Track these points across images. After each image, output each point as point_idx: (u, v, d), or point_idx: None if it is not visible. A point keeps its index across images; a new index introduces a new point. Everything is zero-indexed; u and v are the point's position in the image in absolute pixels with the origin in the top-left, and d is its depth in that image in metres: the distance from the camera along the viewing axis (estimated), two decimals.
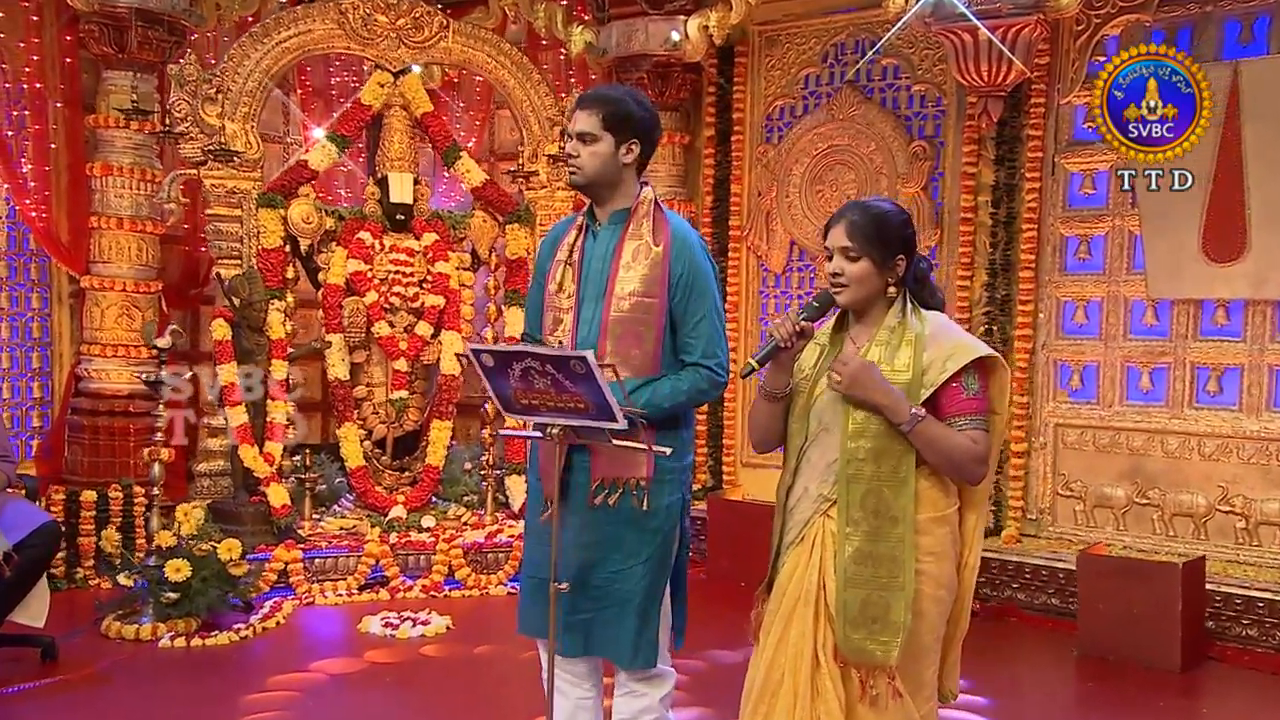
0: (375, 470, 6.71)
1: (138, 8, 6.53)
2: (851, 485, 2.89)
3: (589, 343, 3.33)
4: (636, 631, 3.33)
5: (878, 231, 2.92)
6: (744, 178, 7.62)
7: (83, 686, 4.98)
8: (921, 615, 2.86)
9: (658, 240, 3.33)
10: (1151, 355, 6.35)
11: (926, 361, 2.88)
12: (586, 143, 3.29)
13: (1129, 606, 5.51)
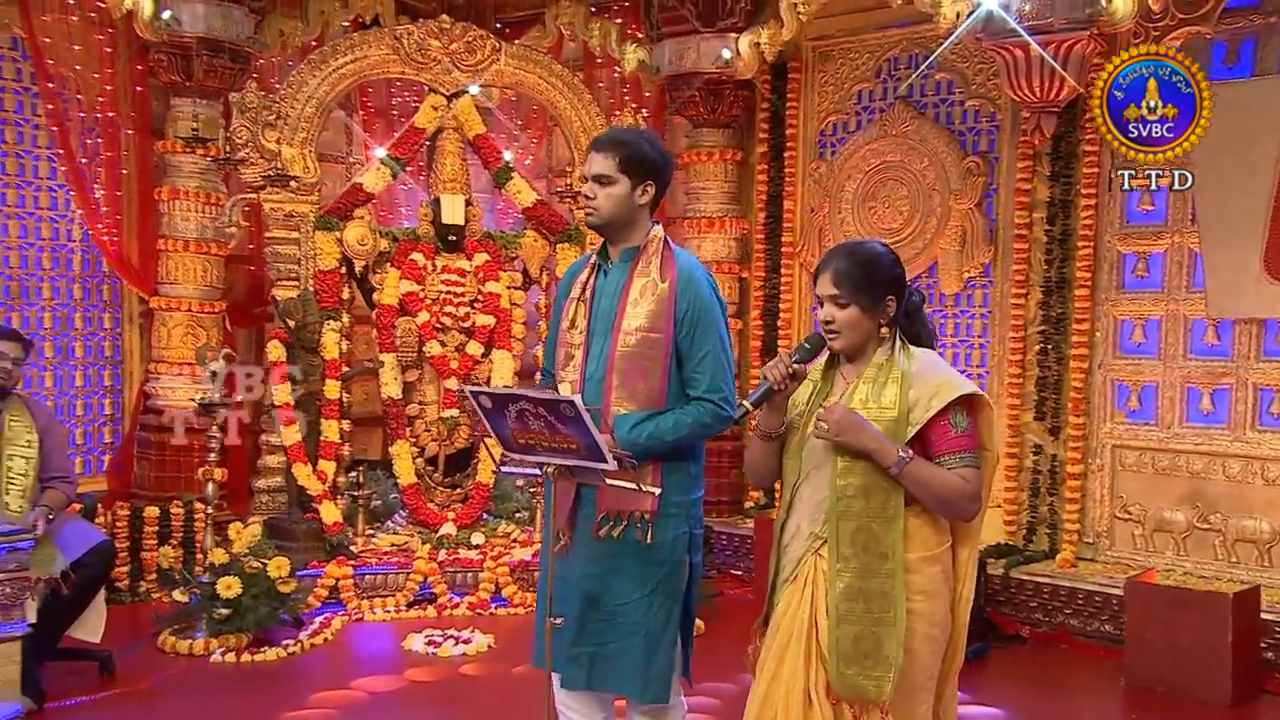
0: (427, 487, 6.79)
1: (203, 36, 6.75)
2: (841, 522, 2.90)
3: (597, 377, 3.39)
4: (644, 664, 3.34)
5: (865, 276, 2.93)
6: (796, 193, 7.64)
7: (137, 700, 5.09)
8: (913, 653, 2.87)
9: (664, 277, 3.37)
10: (1212, 376, 6.18)
11: (912, 399, 2.88)
12: (603, 184, 3.34)
13: (1178, 636, 5.37)
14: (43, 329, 6.91)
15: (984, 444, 2.96)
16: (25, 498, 4.84)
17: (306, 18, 7.26)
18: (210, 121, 6.93)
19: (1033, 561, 6.43)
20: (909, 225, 7.09)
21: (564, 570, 3.31)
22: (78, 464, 6.97)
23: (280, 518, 6.38)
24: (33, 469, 4.91)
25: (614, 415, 3.31)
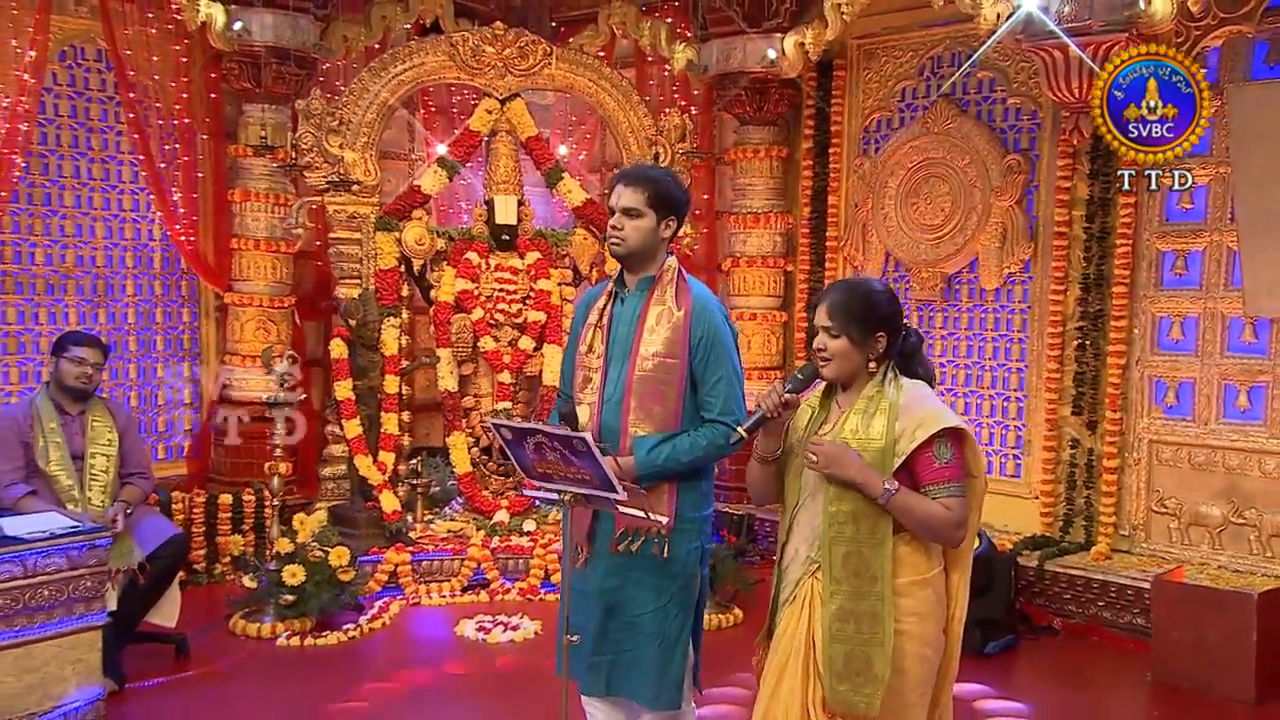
0: (482, 476, 7.01)
1: (271, 45, 6.96)
2: (834, 547, 2.98)
3: (615, 399, 3.50)
4: (659, 673, 3.46)
5: (858, 311, 3.01)
6: (841, 189, 7.69)
7: (209, 682, 5.33)
8: (904, 673, 2.95)
9: (680, 305, 3.49)
10: (1249, 374, 6.18)
11: (899, 431, 2.95)
12: (631, 217, 3.45)
13: (1203, 634, 5.41)
14: (126, 324, 7.19)
15: (971, 471, 3.04)
16: (106, 494, 5.10)
17: (369, 23, 7.43)
18: (278, 127, 7.14)
19: (1068, 554, 6.48)
20: (950, 221, 7.11)
21: (582, 584, 3.46)
22: (159, 450, 7.33)
23: (343, 505, 6.63)
24: (113, 466, 5.17)
25: (632, 437, 3.42)
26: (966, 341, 7.20)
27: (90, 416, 5.18)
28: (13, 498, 4.88)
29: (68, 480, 5.03)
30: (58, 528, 4.46)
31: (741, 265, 7.79)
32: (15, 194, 6.56)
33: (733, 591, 6.12)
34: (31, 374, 6.79)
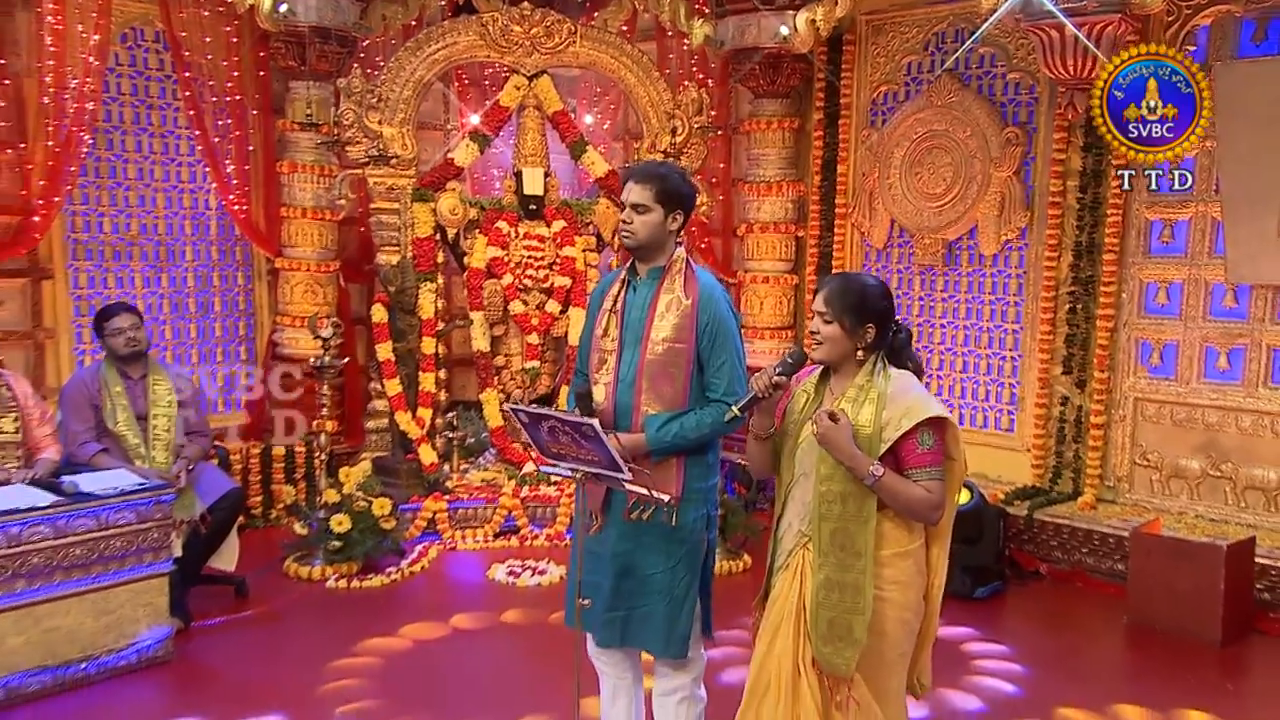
0: (513, 429, 7.10)
1: (315, 25, 7.02)
2: (823, 523, 3.09)
3: (628, 380, 3.61)
4: (668, 627, 3.57)
5: (852, 302, 3.11)
6: (849, 159, 7.69)
7: (266, 621, 5.52)
8: (885, 635, 3.08)
9: (688, 294, 3.58)
10: (1229, 337, 6.27)
11: (885, 419, 3.05)
12: (640, 212, 3.54)
13: (1175, 582, 5.56)
14: (186, 287, 7.37)
15: (950, 455, 3.13)
16: (169, 451, 5.30)
17: (406, 1, 7.41)
18: (322, 102, 7.24)
19: (1056, 503, 6.60)
20: (952, 190, 7.14)
21: (598, 547, 3.58)
22: (219, 404, 7.51)
23: (386, 457, 6.87)
24: (174, 426, 5.34)
25: (644, 415, 3.53)
26: (965, 304, 7.26)
27: (152, 379, 5.38)
28: (86, 455, 5.13)
29: (134, 439, 5.24)
30: (127, 485, 4.80)
31: (755, 231, 7.84)
32: (84, 168, 6.69)
33: (742, 539, 6.29)
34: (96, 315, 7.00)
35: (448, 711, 4.53)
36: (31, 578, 4.43)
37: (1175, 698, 4.84)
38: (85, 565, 4.58)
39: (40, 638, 4.48)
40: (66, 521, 4.53)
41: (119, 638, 4.73)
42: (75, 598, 4.58)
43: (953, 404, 7.33)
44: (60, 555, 4.50)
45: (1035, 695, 4.91)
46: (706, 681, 3.81)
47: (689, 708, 3.69)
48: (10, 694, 4.39)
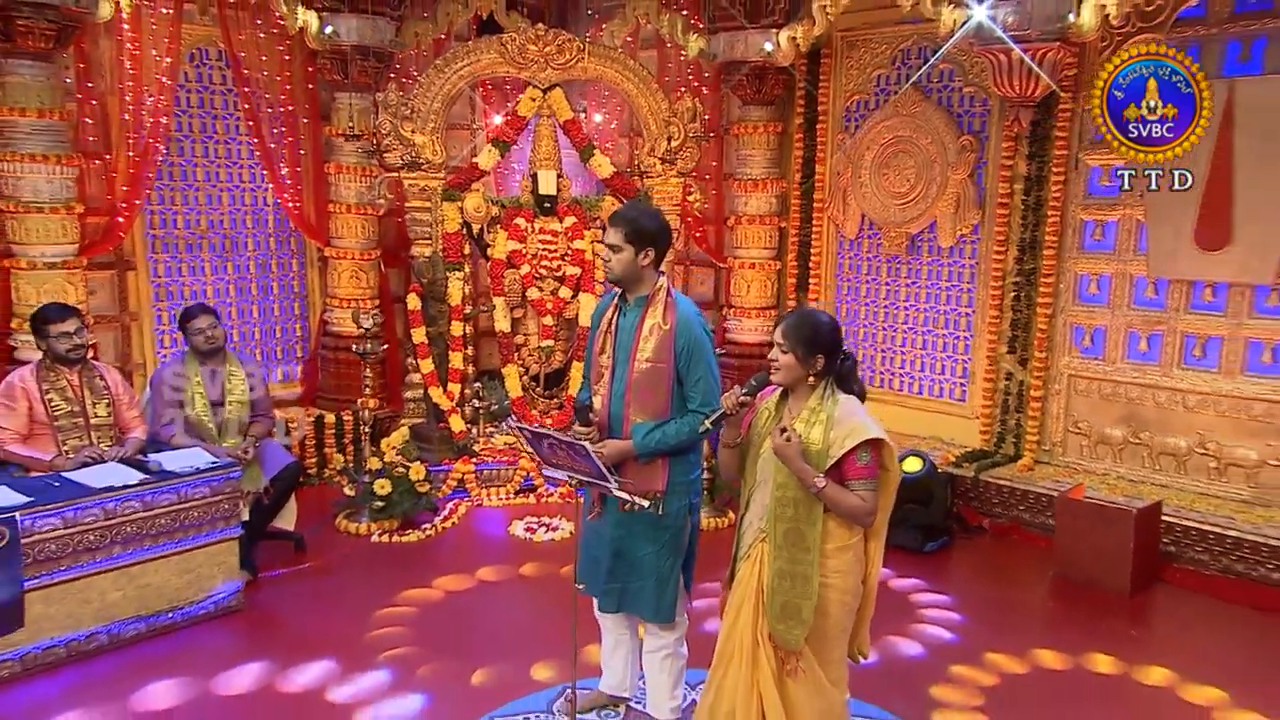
0: (531, 399, 7.31)
1: (356, 44, 7.15)
2: (778, 523, 3.25)
3: (619, 394, 3.76)
4: (656, 598, 3.80)
5: (805, 336, 3.22)
6: (826, 160, 7.70)
7: (321, 572, 5.68)
8: (829, 615, 3.24)
9: (667, 321, 3.72)
10: (1149, 323, 6.40)
11: (832, 439, 3.18)
12: (615, 251, 3.69)
13: (1093, 540, 5.73)
14: (249, 274, 7.58)
15: (885, 467, 3.25)
16: (240, 433, 5.46)
17: (435, 19, 7.51)
18: (363, 111, 7.35)
19: (999, 465, 6.76)
20: (914, 190, 7.20)
21: (600, 529, 3.81)
22: (278, 374, 7.77)
23: (422, 424, 7.04)
24: (244, 411, 5.49)
25: (632, 423, 3.70)
26: (925, 290, 7.37)
27: (227, 371, 5.49)
28: (168, 435, 5.32)
29: (209, 423, 5.39)
30: (202, 464, 4.99)
31: (743, 222, 7.91)
32: (159, 173, 6.88)
33: (728, 498, 6.39)
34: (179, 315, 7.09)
35: (473, 658, 4.67)
36: (126, 543, 4.68)
37: (1086, 643, 5.01)
38: (169, 532, 4.82)
39: (135, 592, 4.74)
40: (153, 496, 4.75)
41: (198, 591, 4.96)
42: (162, 559, 4.82)
43: (913, 376, 7.52)
44: (148, 524, 4.74)
45: (969, 642, 5.04)
46: (692, 630, 4.03)
47: (672, 663, 3.93)
48: (112, 639, 4.67)
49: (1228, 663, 4.86)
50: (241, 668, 4.54)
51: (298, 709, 4.23)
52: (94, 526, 4.57)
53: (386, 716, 4.15)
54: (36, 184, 6.05)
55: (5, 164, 6.00)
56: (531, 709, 4.21)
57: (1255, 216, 5.84)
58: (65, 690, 4.33)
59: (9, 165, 6.00)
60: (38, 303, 5.91)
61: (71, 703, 4.22)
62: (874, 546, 3.35)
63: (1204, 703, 4.48)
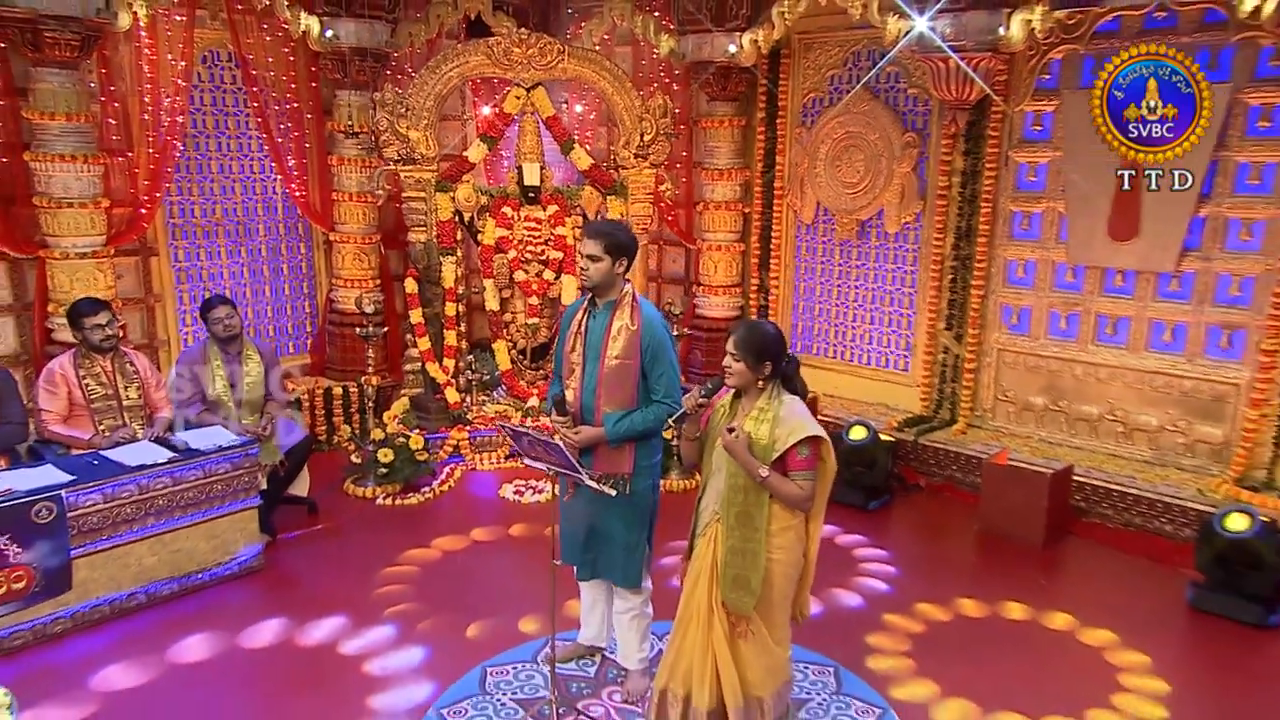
0: (519, 371, 7.46)
1: (354, 46, 7.21)
2: (730, 507, 3.41)
3: (590, 387, 3.90)
4: (625, 565, 4.00)
5: (753, 347, 3.36)
6: (785, 151, 7.79)
7: (332, 533, 5.80)
8: (773, 585, 3.42)
9: (634, 322, 3.87)
10: (1069, 304, 6.59)
11: (776, 436, 3.33)
12: (594, 261, 3.82)
13: (1012, 500, 5.96)
14: (261, 257, 7.67)
15: (823, 459, 3.41)
16: (255, 412, 5.61)
17: (427, 21, 7.55)
18: (362, 108, 7.42)
19: (936, 430, 6.95)
20: (864, 181, 7.33)
21: (574, 507, 3.99)
22: (290, 347, 7.89)
23: (420, 395, 7.20)
24: (259, 391, 5.63)
25: (604, 412, 3.87)
26: (873, 271, 7.53)
27: (244, 355, 5.63)
28: (192, 414, 5.48)
29: (229, 402, 5.54)
30: (224, 441, 5.16)
31: (710, 208, 7.99)
32: (177, 167, 6.95)
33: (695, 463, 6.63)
34: (200, 296, 7.17)
35: (468, 613, 4.83)
36: (159, 514, 4.88)
37: (1002, 592, 5.23)
38: (196, 503, 5.00)
39: (168, 556, 4.94)
40: (181, 472, 4.93)
41: (224, 554, 5.15)
42: (191, 527, 5.00)
43: (863, 349, 7.72)
44: (178, 497, 4.93)
45: (902, 593, 5.24)
46: (658, 586, 4.23)
47: (639, 621, 4.15)
48: (150, 598, 4.89)
49: (1120, 608, 5.12)
50: (263, 623, 4.73)
51: (314, 661, 4.44)
52: (130, 500, 4.78)
53: (392, 668, 4.36)
54: (66, 181, 6.13)
55: (38, 164, 6.09)
56: (520, 659, 4.43)
57: (1159, 212, 6.01)
58: (110, 644, 4.56)
59: (41, 165, 6.09)
60: (71, 289, 6.17)
61: (116, 655, 4.45)
62: (813, 526, 3.52)
63: (1097, 644, 4.75)
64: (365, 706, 4.07)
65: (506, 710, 4.03)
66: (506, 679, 4.27)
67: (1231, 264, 5.90)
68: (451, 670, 4.34)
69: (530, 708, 4.03)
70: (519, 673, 4.32)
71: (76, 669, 4.35)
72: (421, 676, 4.31)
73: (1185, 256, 6.02)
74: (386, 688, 4.22)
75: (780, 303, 8.08)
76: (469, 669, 4.35)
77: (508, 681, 4.25)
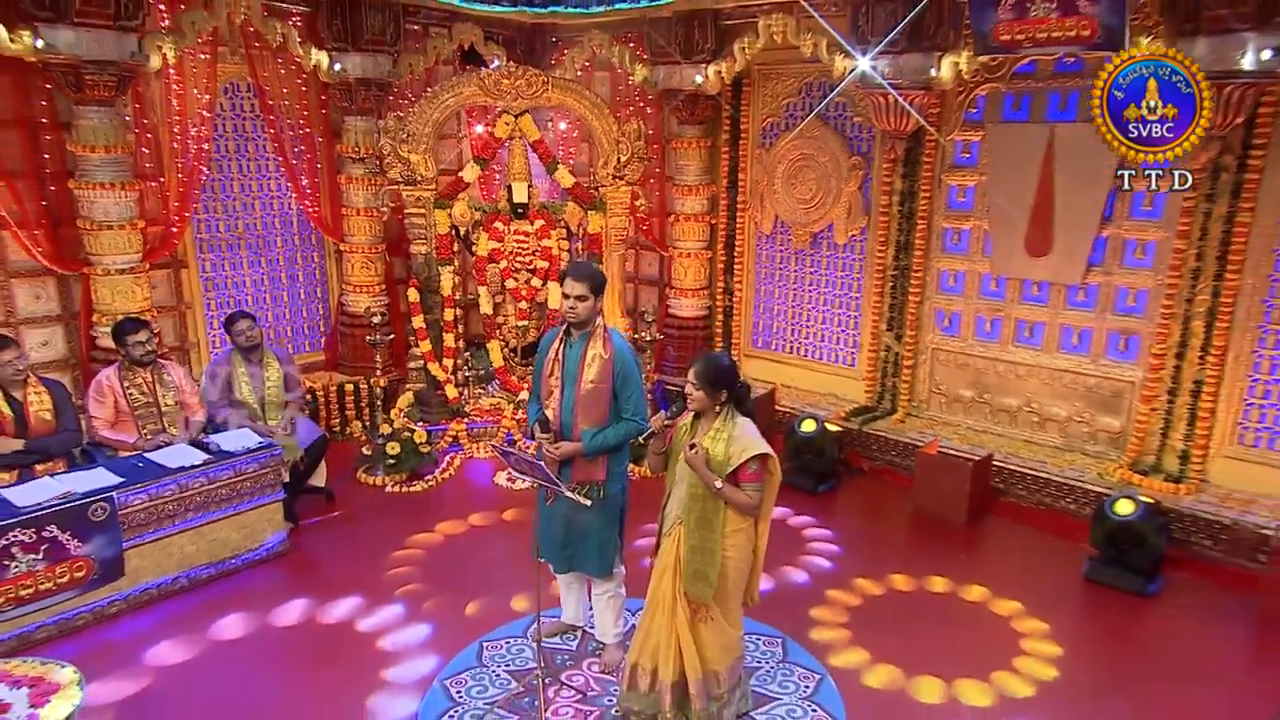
0: (511, 367, 7.61)
1: (360, 77, 7.34)
2: (690, 512, 3.65)
3: (569, 407, 4.07)
4: (599, 558, 4.23)
5: (709, 377, 3.60)
6: (747, 170, 7.93)
7: (348, 519, 5.95)
8: (728, 577, 3.67)
9: (606, 351, 4.08)
10: (993, 310, 6.81)
11: (730, 453, 3.57)
12: (580, 300, 4.00)
13: (941, 484, 6.24)
14: (278, 266, 7.81)
15: (770, 472, 3.63)
16: (278, 413, 5.85)
17: (426, 52, 7.71)
18: (367, 133, 7.55)
19: (878, 419, 7.19)
20: (816, 197, 7.51)
21: (555, 508, 4.17)
22: (306, 345, 8.04)
23: (422, 389, 7.36)
24: (280, 395, 5.87)
25: (580, 429, 4.07)
26: (824, 277, 7.72)
27: (266, 362, 5.86)
28: (221, 416, 5.71)
29: (254, 404, 5.79)
30: (251, 444, 5.37)
31: (681, 220, 8.14)
32: (203, 189, 7.11)
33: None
34: (226, 302, 7.43)
35: (466, 592, 5.05)
36: (196, 509, 5.11)
37: (928, 567, 5.48)
38: (228, 499, 5.22)
39: (205, 545, 5.18)
40: (214, 473, 5.16)
41: (253, 541, 5.37)
42: (224, 519, 5.23)
43: (815, 345, 7.94)
44: (212, 494, 5.16)
45: (843, 569, 5.47)
46: (632, 567, 4.44)
47: (614, 602, 4.40)
48: (191, 582, 5.14)
49: (1027, 580, 5.41)
50: (290, 603, 4.97)
51: (335, 637, 4.69)
52: (171, 498, 5.02)
53: (402, 643, 4.62)
54: (106, 206, 6.28)
55: (81, 191, 6.25)
56: (511, 634, 4.69)
57: (1068, 232, 6.26)
58: (158, 623, 4.82)
59: (84, 192, 6.25)
60: (112, 301, 6.36)
61: (164, 633, 4.71)
62: (761, 527, 3.77)
63: (1005, 614, 5.04)
64: (379, 679, 4.34)
65: (501, 680, 4.32)
66: (500, 652, 4.54)
67: (1128, 278, 6.18)
68: (453, 644, 4.59)
69: (521, 678, 4.32)
70: (511, 647, 4.59)
71: (131, 646, 4.61)
72: (427, 650, 4.56)
73: (1090, 271, 6.29)
74: (398, 661, 4.47)
75: (743, 304, 8.30)
76: (468, 644, 4.60)
77: (501, 655, 4.52)
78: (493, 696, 4.21)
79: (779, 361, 8.12)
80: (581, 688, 4.29)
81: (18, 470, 4.99)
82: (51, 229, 6.34)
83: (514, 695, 4.20)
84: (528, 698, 4.16)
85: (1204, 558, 5.55)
